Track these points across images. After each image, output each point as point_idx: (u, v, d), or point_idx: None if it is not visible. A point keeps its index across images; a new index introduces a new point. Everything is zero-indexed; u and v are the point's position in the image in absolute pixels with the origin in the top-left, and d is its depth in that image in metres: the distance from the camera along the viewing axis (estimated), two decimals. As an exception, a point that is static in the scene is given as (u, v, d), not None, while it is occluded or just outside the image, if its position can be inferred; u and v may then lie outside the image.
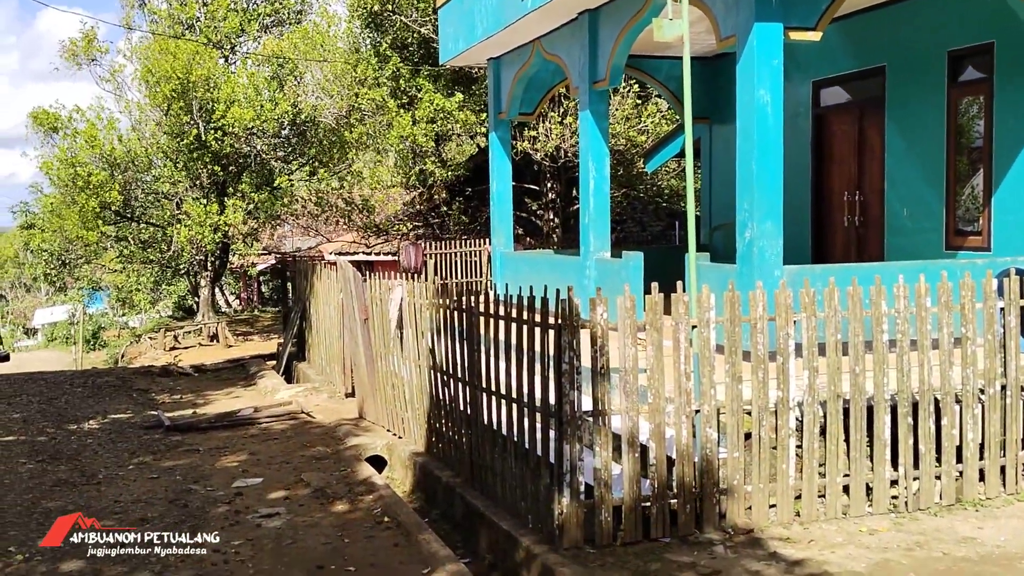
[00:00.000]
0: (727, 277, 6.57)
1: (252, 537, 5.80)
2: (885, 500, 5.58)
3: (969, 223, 9.61)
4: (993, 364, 5.76)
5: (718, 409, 5.42)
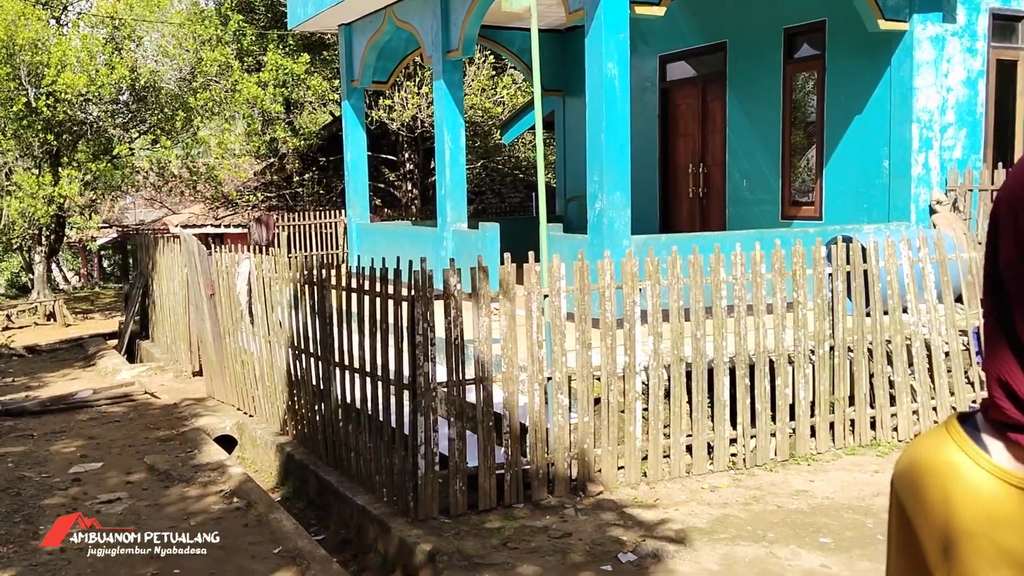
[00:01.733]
0: (578, 247, 6.71)
1: (92, 524, 5.55)
2: (725, 458, 5.86)
3: (803, 194, 10.15)
4: (822, 326, 6.12)
5: (569, 376, 5.54)
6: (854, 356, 6.21)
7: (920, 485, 0.96)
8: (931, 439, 0.98)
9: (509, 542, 4.87)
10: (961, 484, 0.92)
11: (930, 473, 0.95)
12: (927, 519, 0.94)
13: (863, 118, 9.28)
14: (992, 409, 0.93)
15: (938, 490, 0.94)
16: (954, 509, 0.92)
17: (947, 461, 0.94)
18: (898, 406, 6.30)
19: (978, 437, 0.94)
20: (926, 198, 8.88)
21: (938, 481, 0.94)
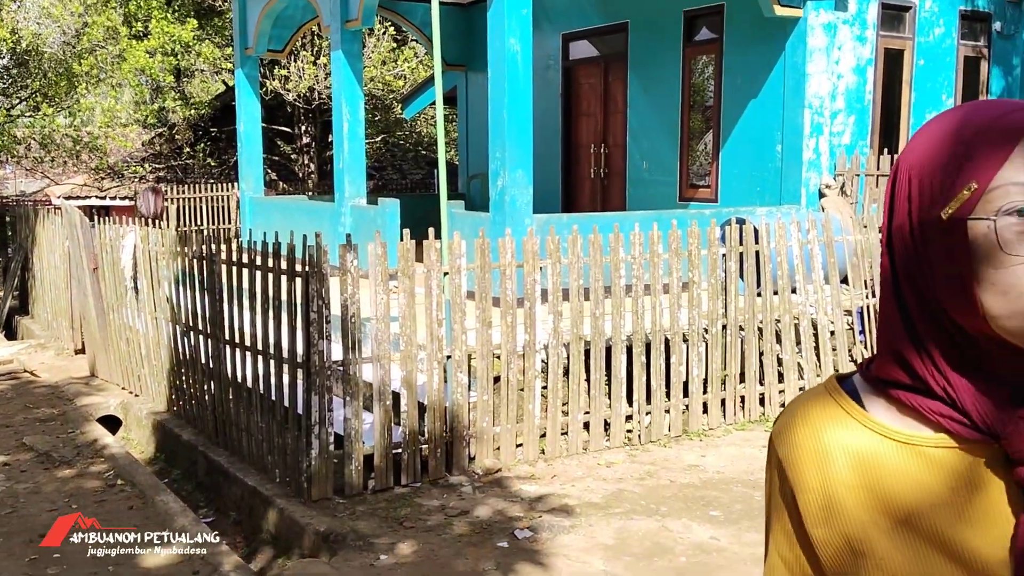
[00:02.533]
0: (480, 225, 6.66)
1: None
2: (621, 434, 5.93)
3: (701, 177, 10.33)
4: (716, 306, 6.24)
5: (469, 354, 5.51)
6: (745, 335, 6.37)
7: (799, 442, 0.97)
8: (810, 398, 1.00)
9: (406, 521, 4.82)
10: (840, 439, 0.94)
11: (809, 430, 0.96)
12: (806, 476, 0.95)
13: (758, 103, 9.49)
14: (876, 366, 0.95)
15: (817, 446, 0.95)
16: (834, 464, 0.93)
17: (826, 417, 0.96)
18: (786, 383, 6.49)
19: (856, 395, 0.97)
20: (816, 182, 9.16)
21: (817, 437, 0.95)
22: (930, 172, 0.89)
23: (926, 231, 0.89)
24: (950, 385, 0.88)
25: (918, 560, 0.88)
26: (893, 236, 0.93)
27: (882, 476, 0.91)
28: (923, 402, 0.90)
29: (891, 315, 0.93)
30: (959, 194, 0.85)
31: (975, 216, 0.85)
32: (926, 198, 0.88)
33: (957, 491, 0.88)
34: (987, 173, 0.84)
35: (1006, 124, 0.86)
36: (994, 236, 0.83)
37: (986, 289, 0.84)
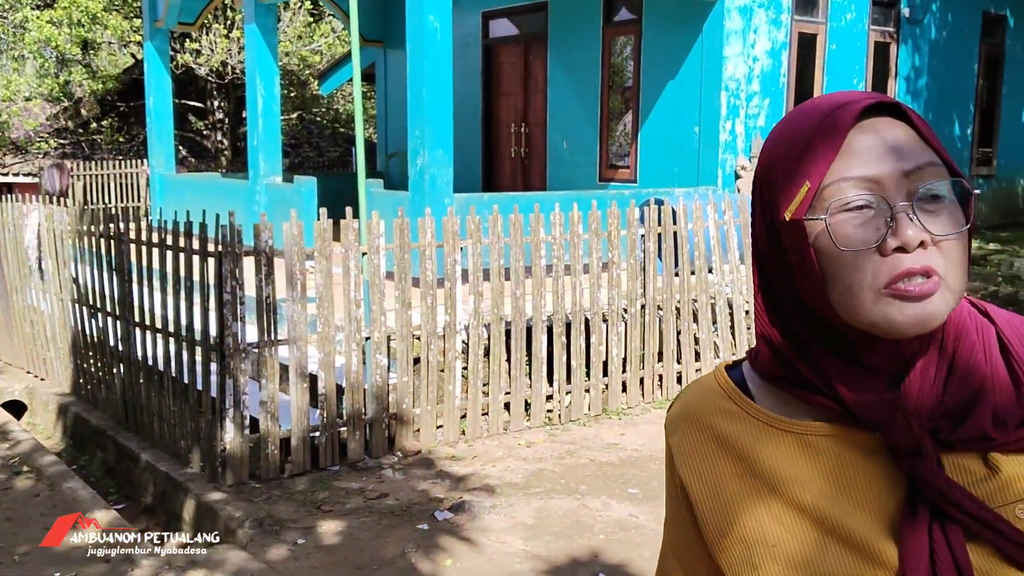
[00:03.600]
0: (399, 204, 6.58)
1: None
2: (542, 414, 5.96)
3: (620, 157, 10.41)
4: (635, 285, 6.30)
5: (388, 335, 5.45)
6: (663, 314, 6.45)
7: (687, 434, 0.99)
8: (699, 388, 1.02)
9: (324, 505, 4.76)
10: (727, 430, 0.96)
11: (697, 421, 0.99)
12: (694, 466, 0.97)
13: (676, 84, 9.59)
14: (760, 358, 0.97)
15: (704, 437, 0.97)
16: (721, 454, 0.96)
17: (713, 408, 0.98)
18: (702, 362, 6.60)
19: (744, 384, 0.98)
20: (732, 164, 9.31)
21: (704, 428, 0.98)
22: (772, 174, 0.90)
23: (774, 233, 0.90)
24: (827, 379, 0.90)
25: (811, 545, 0.88)
26: (755, 236, 0.95)
27: (770, 464, 0.92)
28: (805, 394, 0.92)
29: (766, 310, 0.95)
30: (795, 195, 0.86)
31: (811, 216, 0.86)
32: (771, 200, 0.90)
33: (844, 478, 0.89)
34: (819, 171, 0.85)
35: (834, 119, 0.87)
36: (828, 234, 0.84)
37: (832, 286, 0.85)
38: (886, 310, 0.83)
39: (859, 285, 0.84)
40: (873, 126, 0.87)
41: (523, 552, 4.24)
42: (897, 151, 0.86)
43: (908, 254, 0.83)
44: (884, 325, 0.84)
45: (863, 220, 0.84)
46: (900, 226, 0.83)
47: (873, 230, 0.84)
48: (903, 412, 0.87)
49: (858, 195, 0.84)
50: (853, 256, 0.84)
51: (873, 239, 0.84)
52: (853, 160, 0.85)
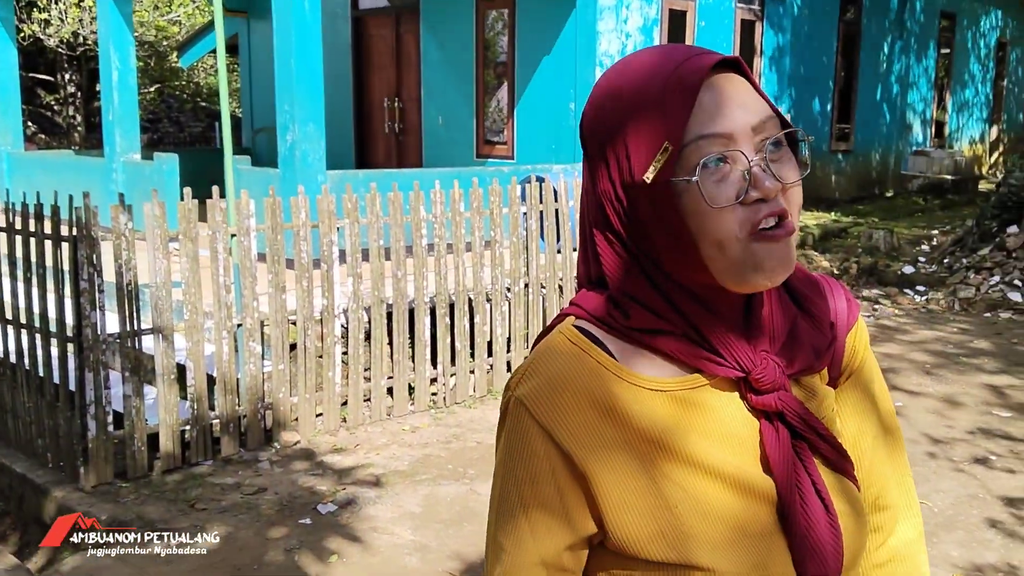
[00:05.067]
0: (270, 182, 6.28)
1: None
2: (426, 398, 5.81)
3: (496, 133, 10.30)
4: (518, 264, 6.22)
5: (262, 321, 5.18)
6: (547, 292, 6.40)
7: (566, 400, 0.93)
8: (556, 350, 0.96)
9: (198, 503, 4.49)
10: (603, 391, 0.93)
11: (572, 385, 0.93)
12: (583, 436, 0.92)
13: (551, 60, 9.53)
14: (622, 313, 0.96)
15: (583, 401, 0.93)
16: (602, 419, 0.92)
17: (584, 370, 0.94)
18: (586, 339, 6.59)
19: (601, 344, 0.95)
20: (608, 140, 9.33)
21: (581, 391, 0.93)
22: (619, 134, 0.89)
23: (632, 195, 0.90)
24: (699, 329, 0.92)
25: (708, 496, 0.91)
26: (601, 197, 0.93)
27: (652, 425, 0.92)
28: (673, 345, 0.93)
29: (627, 266, 0.93)
30: (656, 157, 0.86)
31: (677, 178, 0.87)
32: (626, 163, 0.89)
33: (717, 425, 0.94)
34: (677, 131, 0.85)
35: (684, 75, 0.87)
36: (698, 192, 0.85)
37: (702, 243, 0.87)
38: (756, 256, 0.87)
39: (729, 237, 0.86)
40: (717, 82, 0.88)
41: (413, 543, 4.11)
42: (744, 106, 0.88)
43: (768, 203, 0.87)
44: (754, 272, 0.87)
45: (722, 176, 0.87)
46: (758, 178, 0.86)
47: (734, 184, 0.86)
48: (770, 356, 0.94)
49: (717, 152, 0.86)
50: (718, 211, 0.86)
51: (736, 193, 0.86)
52: (705, 117, 0.86)
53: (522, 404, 0.93)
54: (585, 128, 0.95)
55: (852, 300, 1.07)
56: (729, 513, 0.91)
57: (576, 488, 0.92)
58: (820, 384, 1.01)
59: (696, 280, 0.91)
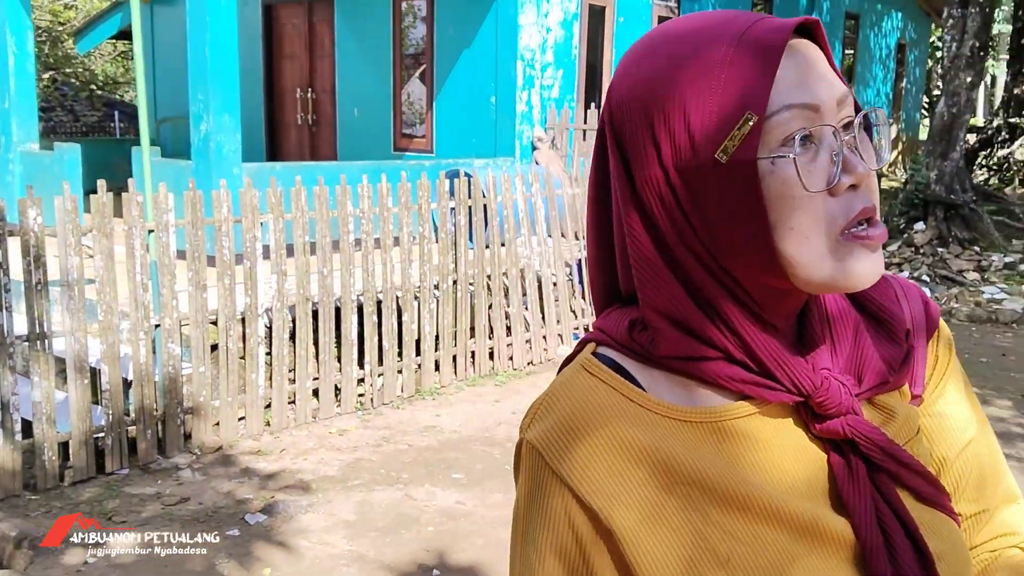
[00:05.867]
0: (182, 174, 6.00)
1: None
2: (353, 399, 5.64)
3: (415, 126, 10.12)
4: (446, 260, 6.09)
5: (181, 321, 4.93)
6: (475, 289, 6.29)
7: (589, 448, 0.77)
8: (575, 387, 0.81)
9: (115, 515, 4.24)
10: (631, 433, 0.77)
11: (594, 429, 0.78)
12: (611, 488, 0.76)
13: (471, 53, 9.40)
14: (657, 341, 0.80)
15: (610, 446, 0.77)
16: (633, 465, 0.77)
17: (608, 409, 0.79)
18: (514, 336, 6.51)
19: (625, 372, 0.81)
20: (529, 135, 9.27)
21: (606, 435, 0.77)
22: (683, 107, 0.74)
23: (695, 181, 0.74)
24: (750, 347, 0.78)
25: (766, 545, 0.76)
26: (641, 192, 0.78)
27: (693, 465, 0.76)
28: (722, 370, 0.78)
29: (664, 280, 0.78)
30: (734, 129, 0.71)
31: (767, 154, 0.72)
32: (686, 140, 0.74)
33: (769, 459, 0.79)
34: (760, 100, 0.71)
35: (763, 35, 0.73)
36: (795, 172, 0.71)
37: (785, 236, 0.73)
38: (846, 260, 0.73)
39: (818, 232, 0.72)
40: (799, 47, 0.74)
41: (348, 553, 3.95)
42: (826, 77, 0.74)
43: (858, 193, 0.74)
44: (842, 278, 0.74)
45: (810, 156, 0.73)
46: (849, 161, 0.73)
47: (823, 167, 0.73)
48: (832, 376, 0.79)
49: (804, 127, 0.72)
50: (809, 198, 0.72)
51: (829, 178, 0.73)
52: (791, 84, 0.72)
53: (535, 450, 0.78)
54: (618, 105, 0.78)
55: (930, 302, 0.92)
56: (795, 565, 0.75)
57: (603, 551, 0.76)
58: (901, 403, 0.85)
59: (761, 282, 0.76)
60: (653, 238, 0.78)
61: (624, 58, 0.80)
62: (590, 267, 0.88)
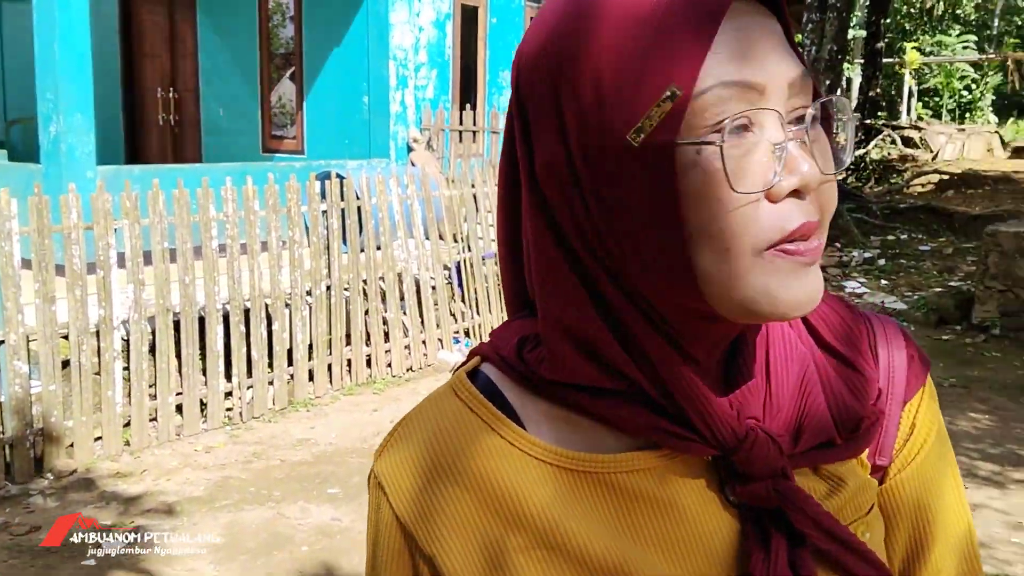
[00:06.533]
0: (31, 179, 5.59)
1: None
2: (220, 414, 5.36)
3: (285, 127, 9.81)
4: (319, 265, 5.88)
5: (28, 336, 4.56)
6: (350, 295, 6.09)
7: (439, 488, 0.65)
8: (437, 413, 0.68)
9: (-46, 551, 3.87)
10: (496, 475, 0.65)
11: (449, 465, 0.66)
12: (458, 541, 0.64)
13: (342, 52, 9.18)
14: (547, 364, 0.65)
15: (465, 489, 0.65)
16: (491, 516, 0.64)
17: (470, 444, 0.66)
18: (392, 342, 6.34)
19: (504, 402, 0.67)
20: (404, 136, 9.12)
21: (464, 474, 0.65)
22: (596, 74, 0.58)
23: (600, 166, 0.59)
24: (663, 382, 0.62)
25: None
26: (541, 178, 0.63)
27: (568, 526, 0.63)
28: (622, 408, 0.63)
29: (567, 288, 0.63)
30: (654, 105, 0.56)
31: (689, 139, 0.56)
32: (596, 115, 0.58)
33: (670, 529, 0.64)
34: (690, 70, 0.56)
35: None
36: (720, 165, 0.56)
37: (703, 246, 0.57)
38: (769, 281, 0.58)
39: (741, 244, 0.57)
40: (743, 13, 0.58)
41: (217, 578, 3.72)
42: (778, 52, 0.59)
43: (804, 202, 0.58)
44: (765, 302, 0.58)
45: (746, 148, 0.57)
46: (794, 160, 0.57)
47: (762, 163, 0.57)
48: (760, 427, 0.63)
49: (743, 111, 0.57)
50: (738, 201, 0.56)
51: (767, 177, 0.57)
52: (731, 57, 0.57)
53: (380, 486, 0.67)
54: (525, 67, 0.63)
55: (917, 355, 0.73)
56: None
57: None
58: (855, 474, 0.69)
59: (678, 302, 0.61)
60: (556, 236, 0.63)
61: (539, 14, 0.64)
62: (501, 267, 0.74)
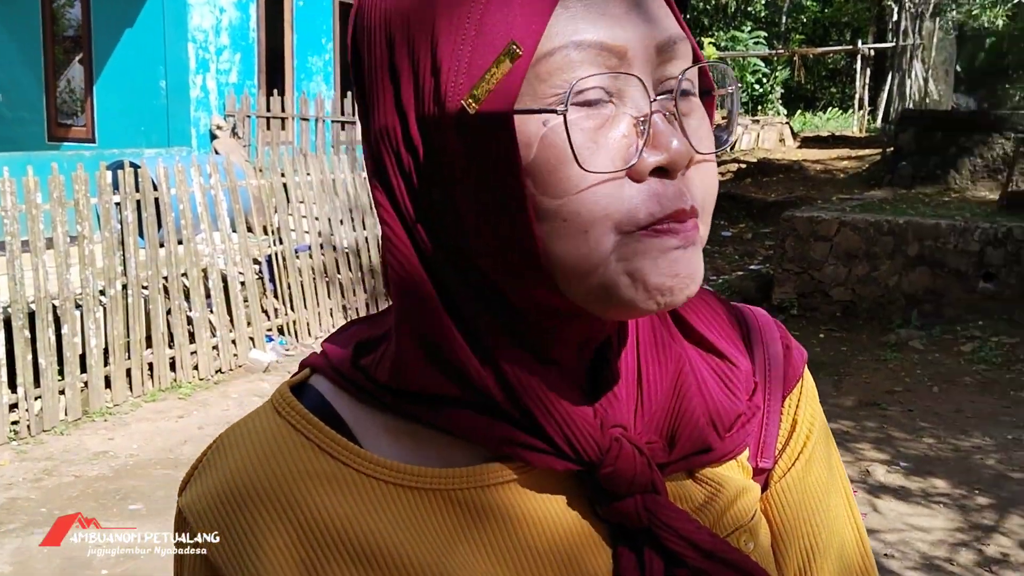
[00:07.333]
0: None
1: None
2: (5, 428, 4.84)
3: (72, 114, 9.09)
4: (113, 262, 5.42)
5: None
6: (149, 293, 5.66)
7: (257, 525, 0.56)
8: (256, 436, 0.58)
9: None
10: (327, 506, 0.56)
11: (272, 497, 0.56)
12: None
13: (135, 33, 8.58)
14: (390, 370, 0.56)
15: (291, 526, 0.55)
16: (321, 554, 0.55)
17: (297, 471, 0.56)
18: (198, 343, 5.95)
19: (333, 416, 0.58)
20: (206, 122, 8.63)
21: (289, 508, 0.56)
22: (429, 31, 0.51)
23: (436, 136, 0.51)
24: (513, 388, 0.54)
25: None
26: (378, 142, 0.54)
27: (411, 552, 0.55)
28: (467, 420, 0.55)
29: (415, 280, 0.54)
30: (492, 66, 0.48)
31: (525, 107, 0.49)
32: (430, 79, 0.51)
33: (524, 550, 0.56)
34: (533, 26, 0.49)
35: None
36: (564, 138, 0.48)
37: (555, 231, 0.50)
38: (640, 262, 0.50)
39: (603, 228, 0.49)
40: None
41: (0, 615, 3.33)
42: (645, 9, 0.51)
43: (673, 184, 0.51)
44: (632, 288, 0.50)
45: (602, 120, 0.50)
46: (660, 134, 0.50)
47: (619, 139, 0.50)
48: (626, 438, 0.56)
49: (598, 75, 0.49)
50: (594, 180, 0.49)
51: (626, 154, 0.50)
52: (584, 13, 0.49)
53: (185, 523, 0.58)
54: (360, 23, 0.55)
55: (794, 347, 0.67)
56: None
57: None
58: (734, 477, 0.62)
59: (530, 296, 0.53)
60: (398, 212, 0.54)
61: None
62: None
